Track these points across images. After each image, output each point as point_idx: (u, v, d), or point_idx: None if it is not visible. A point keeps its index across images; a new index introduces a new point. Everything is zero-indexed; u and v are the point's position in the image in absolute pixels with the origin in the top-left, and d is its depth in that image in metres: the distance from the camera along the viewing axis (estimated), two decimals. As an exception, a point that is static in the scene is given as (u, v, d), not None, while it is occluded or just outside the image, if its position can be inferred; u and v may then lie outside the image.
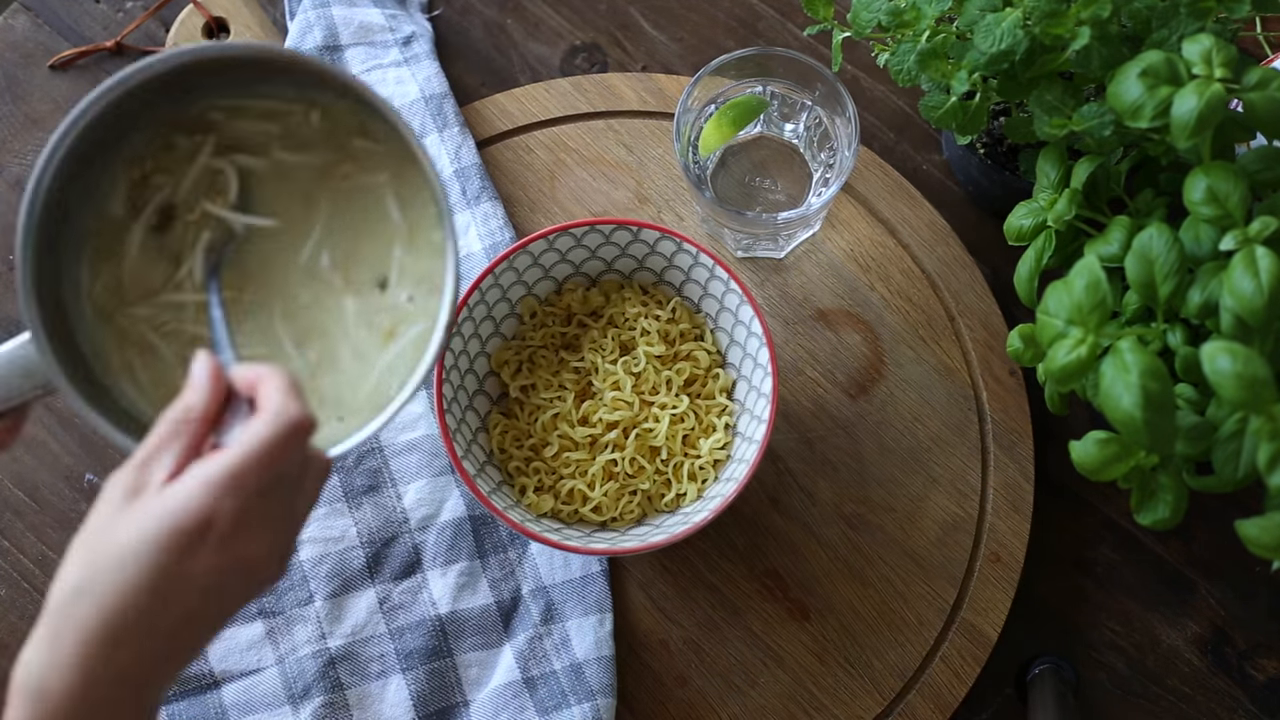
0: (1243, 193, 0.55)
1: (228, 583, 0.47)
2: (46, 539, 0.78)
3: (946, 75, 0.66)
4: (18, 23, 0.88)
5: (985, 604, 0.75)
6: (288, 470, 0.49)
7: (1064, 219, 0.63)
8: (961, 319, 0.79)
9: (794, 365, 0.79)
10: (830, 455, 0.78)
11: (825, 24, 0.71)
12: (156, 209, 0.57)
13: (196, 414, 0.49)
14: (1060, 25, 0.60)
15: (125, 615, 0.45)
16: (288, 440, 0.48)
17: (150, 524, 0.45)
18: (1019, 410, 0.78)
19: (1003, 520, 0.76)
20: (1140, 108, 0.56)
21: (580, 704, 0.72)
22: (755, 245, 0.79)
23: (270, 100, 0.57)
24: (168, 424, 0.49)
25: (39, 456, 0.79)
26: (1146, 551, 0.78)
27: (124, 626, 0.45)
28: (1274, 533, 0.52)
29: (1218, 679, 0.76)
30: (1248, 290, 0.52)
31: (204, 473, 0.46)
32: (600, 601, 0.74)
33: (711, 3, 0.88)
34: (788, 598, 0.75)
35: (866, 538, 0.76)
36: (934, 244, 0.81)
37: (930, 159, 0.85)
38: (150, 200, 0.57)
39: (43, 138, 0.85)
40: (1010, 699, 0.76)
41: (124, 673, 0.45)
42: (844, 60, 0.85)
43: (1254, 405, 0.51)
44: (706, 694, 0.74)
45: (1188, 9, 0.59)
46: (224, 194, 0.57)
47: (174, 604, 0.46)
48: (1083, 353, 0.55)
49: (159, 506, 0.46)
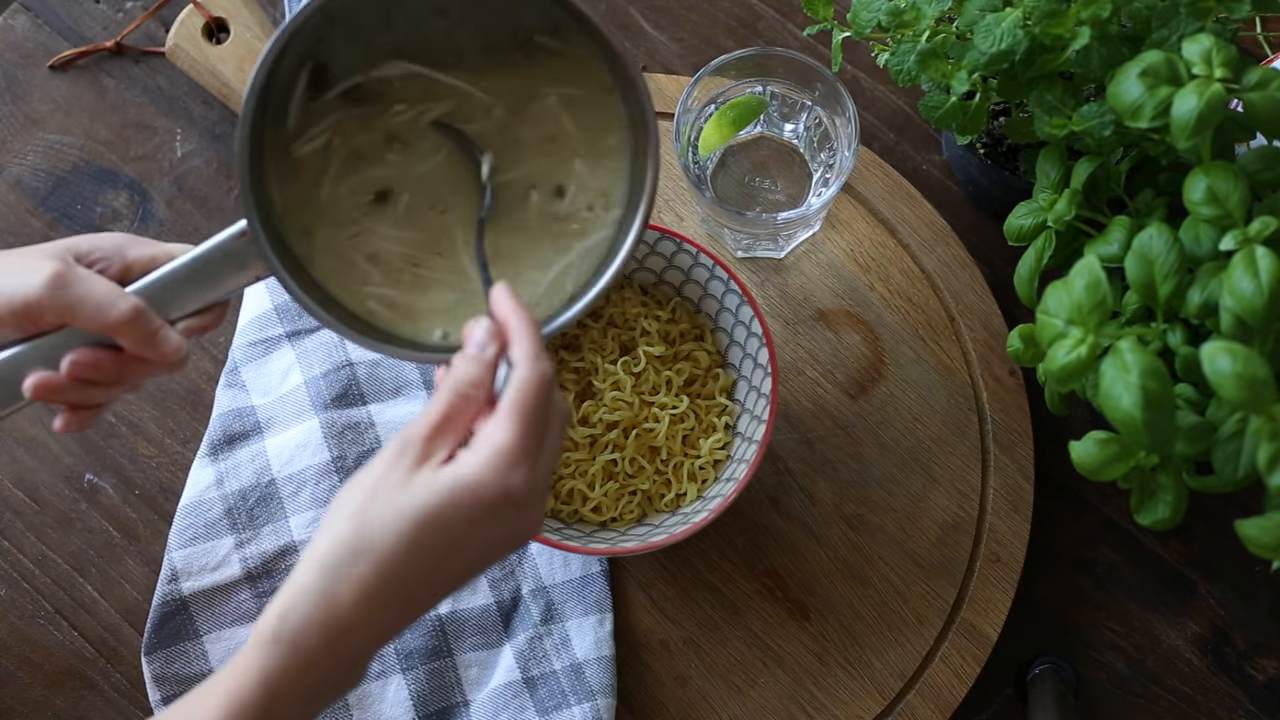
0: (1243, 193, 0.55)
1: (500, 549, 0.50)
2: (46, 539, 0.78)
3: (946, 75, 0.66)
4: (18, 23, 0.88)
5: (985, 604, 0.75)
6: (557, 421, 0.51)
7: (1064, 219, 0.63)
8: (961, 319, 0.79)
9: (794, 365, 0.79)
10: (830, 455, 0.78)
11: (825, 24, 0.71)
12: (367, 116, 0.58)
13: (481, 390, 0.50)
14: (1060, 25, 0.60)
15: (405, 579, 0.47)
16: (547, 396, 0.50)
17: (446, 496, 0.47)
18: (1019, 410, 0.78)
19: (1003, 520, 0.76)
20: (1140, 108, 0.55)
21: (580, 704, 0.72)
22: (755, 245, 0.79)
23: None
24: (452, 395, 0.50)
25: (39, 456, 0.79)
26: (1146, 551, 0.78)
27: (401, 588, 0.47)
28: (1274, 533, 0.52)
29: (1218, 679, 0.76)
30: (1248, 290, 0.52)
31: (499, 445, 0.48)
32: (600, 601, 0.74)
33: (711, 3, 0.88)
34: (788, 598, 0.75)
35: (866, 538, 0.76)
36: (934, 244, 0.81)
37: (930, 159, 0.85)
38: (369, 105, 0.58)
39: (42, 138, 0.85)
40: (1010, 699, 0.76)
41: (383, 631, 0.48)
42: (844, 60, 0.85)
43: (1254, 405, 0.51)
44: (706, 694, 0.74)
45: (1188, 9, 0.59)
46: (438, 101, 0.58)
47: (453, 568, 0.48)
48: (1083, 353, 0.54)
49: (453, 479, 0.48)
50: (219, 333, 0.81)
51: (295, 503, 0.75)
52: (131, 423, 0.80)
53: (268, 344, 0.78)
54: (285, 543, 0.74)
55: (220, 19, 0.83)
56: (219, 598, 0.74)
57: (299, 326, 0.78)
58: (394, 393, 0.77)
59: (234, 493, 0.75)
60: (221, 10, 0.83)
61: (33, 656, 0.76)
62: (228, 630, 0.73)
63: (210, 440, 0.76)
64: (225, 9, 0.83)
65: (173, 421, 0.80)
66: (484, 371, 0.50)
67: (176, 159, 0.85)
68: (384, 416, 0.76)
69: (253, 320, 0.78)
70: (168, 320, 0.55)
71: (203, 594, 0.73)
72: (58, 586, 0.77)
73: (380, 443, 0.76)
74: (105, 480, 0.79)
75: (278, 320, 0.78)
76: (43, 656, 0.76)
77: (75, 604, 0.77)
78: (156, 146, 0.85)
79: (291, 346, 0.78)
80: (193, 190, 0.84)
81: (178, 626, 0.73)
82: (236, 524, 0.75)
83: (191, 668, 0.73)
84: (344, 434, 0.75)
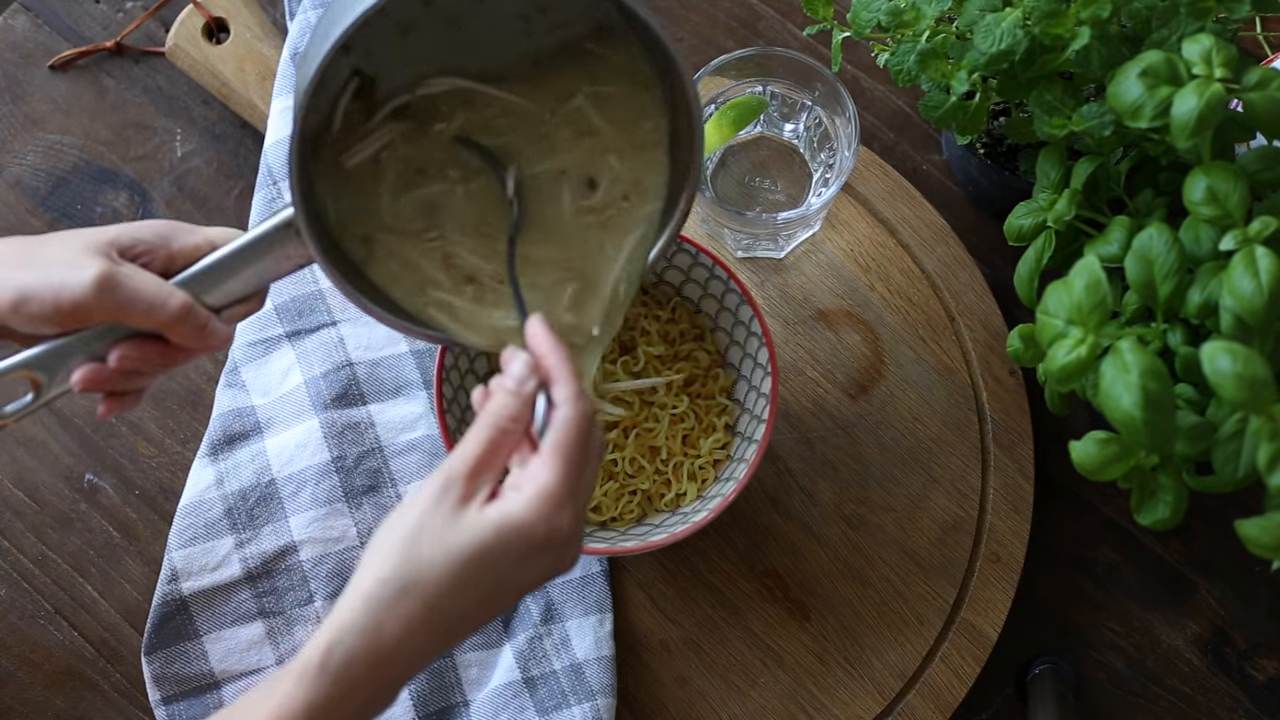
0: (1243, 193, 0.55)
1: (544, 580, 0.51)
2: (46, 539, 0.78)
3: (946, 75, 0.66)
4: (18, 23, 0.88)
5: (985, 604, 0.75)
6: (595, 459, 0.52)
7: (1064, 219, 0.63)
8: (961, 319, 0.79)
9: (794, 365, 0.79)
10: (830, 455, 0.78)
11: (825, 24, 0.71)
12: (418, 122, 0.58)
13: (521, 425, 0.51)
14: (1060, 25, 0.60)
15: (450, 614, 0.48)
16: (589, 435, 0.51)
17: (494, 535, 0.48)
18: (1019, 410, 0.78)
19: (1003, 520, 0.76)
20: (1140, 108, 0.55)
21: (580, 704, 0.72)
22: (755, 245, 0.79)
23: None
24: (490, 431, 0.51)
25: (39, 456, 0.79)
26: (1146, 551, 0.78)
27: (445, 623, 0.48)
28: (1274, 533, 0.52)
29: (1218, 679, 0.76)
30: (1248, 290, 0.52)
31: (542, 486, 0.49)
32: (600, 601, 0.74)
33: (711, 3, 0.88)
34: (788, 598, 0.75)
35: (866, 538, 0.76)
36: (934, 244, 0.81)
37: (930, 159, 0.85)
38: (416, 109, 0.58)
39: (42, 138, 0.85)
40: (1010, 699, 0.76)
41: (423, 659, 0.49)
42: (844, 60, 0.85)
43: (1254, 405, 0.51)
44: (706, 694, 0.74)
45: (1188, 9, 0.59)
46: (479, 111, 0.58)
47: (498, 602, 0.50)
48: (1083, 353, 0.54)
49: (502, 519, 0.49)
50: (219, 333, 0.81)
51: (295, 503, 0.75)
52: (131, 423, 0.80)
53: (268, 344, 0.78)
54: (285, 543, 0.74)
55: (220, 19, 0.83)
56: (219, 598, 0.74)
57: (299, 326, 0.78)
58: (394, 393, 0.77)
59: (234, 493, 0.75)
60: (221, 10, 0.83)
61: (33, 656, 0.76)
62: (228, 630, 0.73)
63: (210, 440, 0.76)
64: (225, 9, 0.83)
65: (173, 421, 0.80)
66: (523, 407, 0.51)
67: (176, 159, 0.85)
68: (384, 416, 0.76)
69: (252, 320, 0.78)
70: (213, 308, 0.56)
71: (203, 594, 0.73)
72: (58, 586, 0.77)
73: (380, 442, 0.76)
74: (105, 480, 0.79)
75: (278, 320, 0.78)
76: (43, 656, 0.76)
77: (75, 604, 0.77)
78: (156, 146, 0.85)
79: (291, 346, 0.78)
80: (193, 190, 0.84)
81: (178, 626, 0.73)
82: (236, 524, 0.75)
83: (191, 668, 0.73)
84: (344, 434, 0.75)
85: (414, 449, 0.76)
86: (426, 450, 0.76)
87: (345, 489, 0.75)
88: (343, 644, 0.47)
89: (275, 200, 0.80)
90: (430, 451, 0.76)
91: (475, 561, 0.48)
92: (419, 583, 0.48)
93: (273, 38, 0.84)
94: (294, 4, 0.85)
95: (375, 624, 0.48)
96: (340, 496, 0.75)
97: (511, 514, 0.49)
